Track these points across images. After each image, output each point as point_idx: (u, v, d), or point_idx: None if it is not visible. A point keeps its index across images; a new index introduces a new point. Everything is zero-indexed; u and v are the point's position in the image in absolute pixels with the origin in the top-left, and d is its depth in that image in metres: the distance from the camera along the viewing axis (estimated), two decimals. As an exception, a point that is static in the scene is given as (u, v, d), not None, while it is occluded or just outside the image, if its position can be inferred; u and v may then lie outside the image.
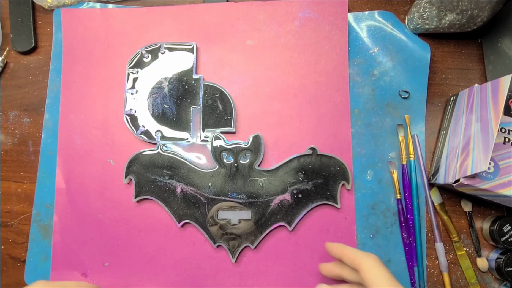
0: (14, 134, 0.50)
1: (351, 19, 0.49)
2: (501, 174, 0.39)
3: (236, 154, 0.45)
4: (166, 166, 0.46)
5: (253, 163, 0.45)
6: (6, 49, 0.51)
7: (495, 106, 0.39)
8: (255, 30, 0.49)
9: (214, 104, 0.47)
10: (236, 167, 0.45)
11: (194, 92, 0.47)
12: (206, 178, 0.46)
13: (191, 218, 0.45)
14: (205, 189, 0.45)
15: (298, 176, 0.45)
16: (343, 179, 0.45)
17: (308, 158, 0.45)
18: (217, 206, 0.45)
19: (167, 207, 0.45)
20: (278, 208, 0.45)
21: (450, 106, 0.47)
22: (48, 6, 0.51)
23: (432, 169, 0.46)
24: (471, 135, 0.41)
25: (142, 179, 0.46)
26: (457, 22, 0.45)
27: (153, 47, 0.47)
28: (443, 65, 0.49)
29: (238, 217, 0.45)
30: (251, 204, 0.45)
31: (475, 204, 0.46)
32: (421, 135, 0.47)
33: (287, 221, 0.45)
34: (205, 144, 0.46)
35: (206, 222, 0.45)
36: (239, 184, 0.45)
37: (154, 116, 0.47)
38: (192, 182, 0.46)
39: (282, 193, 0.45)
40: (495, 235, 0.43)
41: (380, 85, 0.48)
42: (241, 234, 0.45)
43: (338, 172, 0.45)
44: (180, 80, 0.47)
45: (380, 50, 0.48)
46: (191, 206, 0.45)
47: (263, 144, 0.46)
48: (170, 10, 0.50)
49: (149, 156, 0.46)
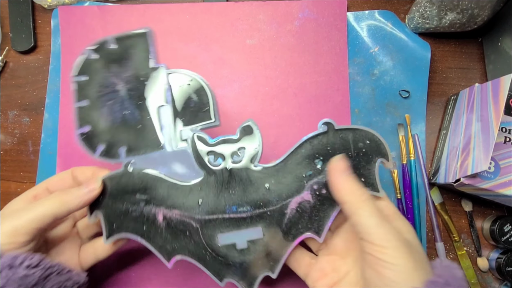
0: (14, 133, 0.50)
1: (351, 18, 0.49)
2: (502, 174, 0.39)
3: (225, 154, 0.34)
4: (139, 189, 0.35)
5: (250, 162, 0.34)
6: (5, 48, 0.51)
7: (495, 106, 0.39)
8: (255, 29, 0.49)
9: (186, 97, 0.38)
10: (229, 172, 0.34)
11: (158, 88, 0.37)
12: (193, 193, 0.34)
13: (184, 252, 0.34)
14: (194, 208, 0.34)
15: (315, 164, 0.33)
16: (379, 155, 0.33)
17: (324, 137, 0.33)
18: (213, 228, 0.34)
19: (150, 244, 0.34)
20: (298, 214, 0.33)
21: (450, 105, 0.47)
22: (48, 6, 0.51)
23: (433, 168, 0.46)
24: (471, 135, 0.41)
25: (111, 212, 0.35)
26: (457, 22, 0.45)
27: (100, 43, 0.37)
28: (443, 64, 0.49)
29: (245, 239, 0.34)
30: (259, 217, 0.34)
31: (476, 203, 0.46)
32: (421, 135, 0.47)
33: (314, 229, 0.33)
34: (185, 148, 0.36)
35: (204, 254, 0.34)
36: (238, 192, 0.34)
37: (113, 128, 0.36)
38: (175, 203, 0.34)
39: (299, 193, 0.33)
40: (495, 234, 0.43)
41: (380, 84, 0.48)
42: (254, 261, 0.34)
43: (369, 148, 0.33)
44: (137, 76, 0.37)
45: (380, 49, 0.48)
46: (180, 236, 0.34)
47: (259, 134, 0.34)
48: (169, 8, 0.49)
49: (115, 181, 0.35)
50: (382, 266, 0.27)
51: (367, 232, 0.28)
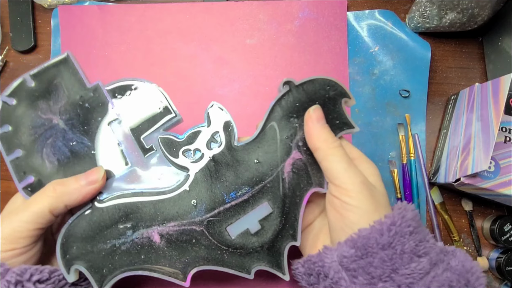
0: (14, 133, 0.50)
1: (351, 18, 0.49)
2: (502, 173, 0.39)
3: (201, 144, 0.33)
4: (119, 219, 0.31)
5: (230, 143, 0.33)
6: (5, 48, 0.51)
7: (495, 105, 0.39)
8: (255, 29, 0.49)
9: (134, 103, 0.34)
10: (213, 160, 0.32)
11: (100, 106, 0.33)
12: (183, 198, 0.32)
13: (197, 263, 0.31)
14: (191, 212, 0.32)
15: (292, 123, 0.33)
16: (341, 95, 0.34)
17: (289, 96, 0.34)
18: (220, 224, 0.32)
19: (156, 273, 0.31)
20: (296, 175, 0.33)
21: (450, 105, 0.47)
22: (48, 5, 0.51)
23: (433, 168, 0.46)
24: (471, 134, 0.41)
25: (95, 258, 0.30)
26: (457, 21, 0.45)
27: (16, 86, 0.33)
28: (443, 64, 0.49)
29: (256, 220, 0.32)
30: (261, 193, 0.32)
31: (476, 203, 0.46)
32: (421, 134, 0.47)
33: (316, 183, 0.33)
34: (153, 156, 0.33)
35: (220, 255, 0.32)
36: (230, 177, 0.32)
37: (64, 166, 0.32)
38: (167, 216, 0.31)
39: (288, 155, 0.33)
40: (495, 234, 0.43)
41: (380, 84, 0.48)
42: (274, 237, 0.32)
43: (331, 92, 0.34)
44: (73, 103, 0.33)
45: (380, 49, 0.48)
46: (187, 248, 0.31)
47: (227, 112, 0.33)
48: (169, 7, 0.49)
49: (85, 222, 0.31)
50: (345, 209, 0.29)
51: (335, 177, 0.30)
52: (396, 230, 0.27)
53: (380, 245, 0.27)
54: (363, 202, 0.28)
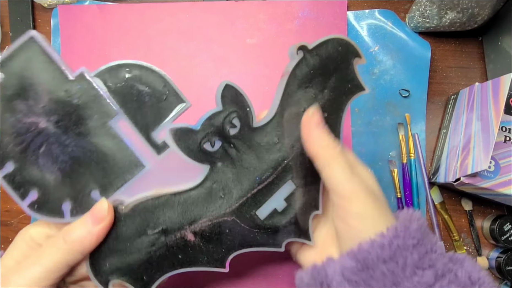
0: (14, 133, 0.50)
1: (351, 17, 0.49)
2: (502, 173, 0.39)
3: (219, 131, 0.30)
4: (149, 226, 0.29)
5: (249, 125, 0.31)
6: (5, 47, 0.51)
7: (495, 105, 0.39)
8: (255, 29, 0.49)
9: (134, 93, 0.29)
10: (233, 146, 0.30)
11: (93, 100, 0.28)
12: (211, 192, 0.30)
13: (234, 249, 0.31)
14: (220, 205, 0.30)
15: (309, 93, 0.31)
16: (353, 55, 0.32)
17: (303, 64, 0.32)
18: (249, 209, 0.31)
19: (197, 267, 0.30)
20: None
21: (450, 104, 0.47)
22: (48, 5, 0.51)
23: (433, 168, 0.46)
24: (471, 134, 0.41)
25: (132, 269, 0.29)
26: (457, 21, 0.45)
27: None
28: (443, 63, 0.49)
29: (282, 199, 0.31)
30: (284, 172, 0.31)
31: (476, 203, 0.46)
32: (421, 134, 0.47)
33: None
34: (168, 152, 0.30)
35: (253, 237, 0.31)
36: (254, 162, 0.31)
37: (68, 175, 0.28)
38: (197, 215, 0.30)
39: None
40: (495, 234, 0.43)
41: (380, 83, 0.48)
42: (300, 210, 0.32)
43: (343, 52, 0.32)
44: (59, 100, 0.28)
45: (380, 48, 0.48)
46: (222, 238, 0.31)
47: (241, 91, 0.31)
48: (169, 7, 0.49)
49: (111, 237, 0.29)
50: (351, 218, 0.28)
51: (339, 186, 0.28)
52: (398, 244, 0.26)
53: (381, 259, 0.26)
54: (368, 210, 0.28)
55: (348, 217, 0.28)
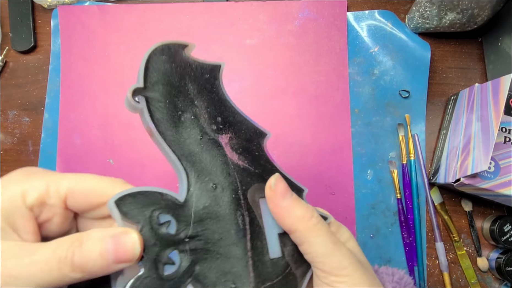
0: (14, 133, 0.50)
1: (351, 18, 0.49)
2: (502, 174, 0.39)
3: (161, 243, 0.22)
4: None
5: (175, 205, 0.23)
6: (5, 48, 0.51)
7: (495, 106, 0.39)
8: (255, 29, 0.49)
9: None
10: (188, 239, 0.23)
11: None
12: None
13: None
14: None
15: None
16: (180, 47, 0.26)
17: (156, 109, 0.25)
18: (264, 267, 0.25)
19: None
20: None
21: (450, 105, 0.47)
22: (48, 5, 0.51)
23: (433, 168, 0.46)
24: (471, 135, 0.41)
25: None
26: (457, 21, 0.45)
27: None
28: (443, 64, 0.49)
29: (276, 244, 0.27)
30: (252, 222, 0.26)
31: (476, 203, 0.46)
32: (421, 135, 0.47)
33: None
34: None
35: None
36: (216, 233, 0.24)
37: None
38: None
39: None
40: (495, 234, 0.43)
41: (380, 84, 0.48)
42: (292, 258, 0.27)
43: (171, 56, 0.26)
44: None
45: (380, 49, 0.48)
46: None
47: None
48: (169, 7, 0.49)
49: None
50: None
51: (321, 262, 0.25)
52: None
53: None
54: (360, 285, 0.25)
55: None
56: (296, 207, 0.25)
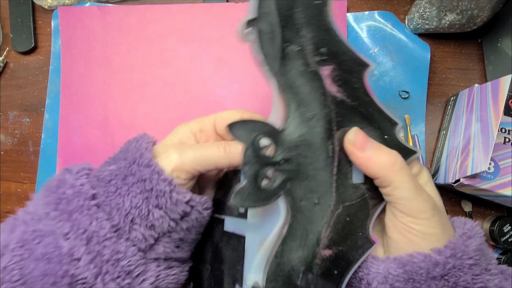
0: (14, 134, 0.50)
1: (351, 19, 0.49)
2: (501, 174, 0.39)
3: (261, 162, 0.27)
4: (291, 277, 0.28)
5: (276, 133, 0.27)
6: (6, 49, 0.51)
7: (495, 106, 0.39)
8: (255, 30, 0.49)
9: None
10: (284, 161, 0.27)
11: None
12: (308, 212, 0.28)
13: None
14: (323, 209, 0.28)
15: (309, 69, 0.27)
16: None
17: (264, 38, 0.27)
18: (346, 188, 0.28)
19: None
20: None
21: (450, 106, 0.47)
22: (48, 6, 0.51)
23: (432, 169, 0.46)
24: (471, 135, 0.41)
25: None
26: (457, 22, 0.45)
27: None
28: (443, 65, 0.49)
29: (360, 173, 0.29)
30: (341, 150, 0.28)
31: (475, 204, 0.46)
32: (421, 135, 0.47)
33: None
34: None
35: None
36: (308, 157, 0.28)
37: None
38: (316, 231, 0.28)
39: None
40: (495, 235, 0.43)
41: (380, 85, 0.48)
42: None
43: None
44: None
45: (380, 50, 0.48)
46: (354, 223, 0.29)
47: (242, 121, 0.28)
48: (169, 8, 0.50)
49: None
50: (414, 235, 0.26)
51: (402, 204, 0.26)
52: (454, 264, 0.25)
53: (430, 275, 0.25)
54: (433, 229, 0.26)
55: (411, 233, 0.27)
56: (378, 156, 0.27)
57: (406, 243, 0.27)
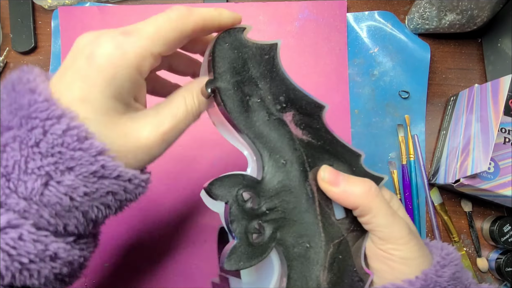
0: (14, 134, 0.50)
1: (351, 19, 0.49)
2: (501, 174, 0.39)
3: (247, 216, 0.26)
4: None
5: (254, 183, 0.27)
6: (6, 49, 0.51)
7: (495, 106, 0.39)
8: (255, 30, 0.49)
9: None
10: (268, 211, 0.27)
11: None
12: (303, 254, 0.27)
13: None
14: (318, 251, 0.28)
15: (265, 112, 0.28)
16: (239, 32, 0.29)
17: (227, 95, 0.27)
18: (332, 228, 0.29)
19: None
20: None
21: (450, 106, 0.47)
22: (48, 6, 0.51)
23: (432, 169, 0.46)
24: (471, 135, 0.41)
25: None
26: (457, 22, 0.45)
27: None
28: (443, 65, 0.49)
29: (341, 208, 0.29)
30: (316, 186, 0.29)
31: (475, 204, 0.46)
32: (421, 135, 0.47)
33: None
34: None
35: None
36: (291, 203, 0.28)
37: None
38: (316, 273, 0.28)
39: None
40: (495, 235, 0.43)
41: (380, 85, 0.48)
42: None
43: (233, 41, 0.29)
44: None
45: (380, 50, 0.48)
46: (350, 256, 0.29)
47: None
48: (170, 10, 0.50)
49: None
50: (395, 261, 0.27)
51: (381, 231, 0.27)
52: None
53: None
54: (414, 253, 0.27)
55: (392, 260, 0.27)
56: (352, 187, 0.27)
57: (388, 272, 0.27)
